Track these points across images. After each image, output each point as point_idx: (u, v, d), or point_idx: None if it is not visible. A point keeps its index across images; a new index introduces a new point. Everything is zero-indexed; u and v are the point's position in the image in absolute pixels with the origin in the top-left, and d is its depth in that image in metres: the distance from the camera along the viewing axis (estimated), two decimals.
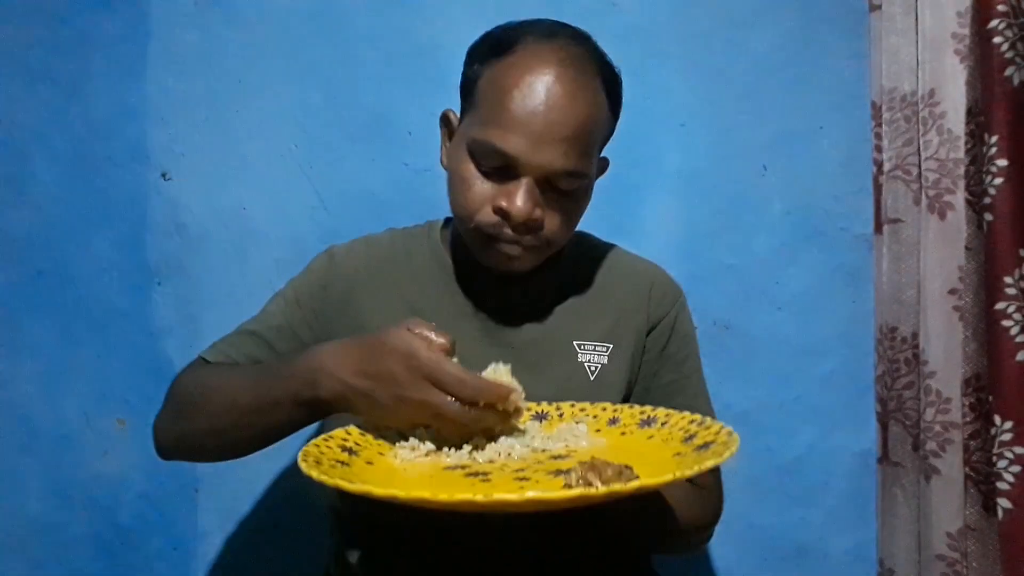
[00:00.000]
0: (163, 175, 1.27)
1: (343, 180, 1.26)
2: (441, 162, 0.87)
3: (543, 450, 0.71)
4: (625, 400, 0.92)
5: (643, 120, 1.22)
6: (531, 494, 0.49)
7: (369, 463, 0.68)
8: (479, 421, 0.67)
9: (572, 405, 0.83)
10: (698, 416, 0.73)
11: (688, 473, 0.53)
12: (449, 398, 0.65)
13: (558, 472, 0.62)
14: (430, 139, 0.89)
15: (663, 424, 0.75)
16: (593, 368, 0.89)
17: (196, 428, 0.80)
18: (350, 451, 0.69)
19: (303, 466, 0.59)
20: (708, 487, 0.90)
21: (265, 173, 1.26)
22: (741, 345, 1.25)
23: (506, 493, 0.49)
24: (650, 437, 0.74)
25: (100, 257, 1.28)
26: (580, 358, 0.89)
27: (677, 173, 1.25)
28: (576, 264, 0.92)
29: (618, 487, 0.50)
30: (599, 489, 0.50)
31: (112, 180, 1.28)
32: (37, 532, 1.30)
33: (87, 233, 1.28)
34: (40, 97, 1.28)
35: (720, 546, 1.27)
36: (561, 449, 0.72)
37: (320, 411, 0.72)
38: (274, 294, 0.93)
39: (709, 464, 0.55)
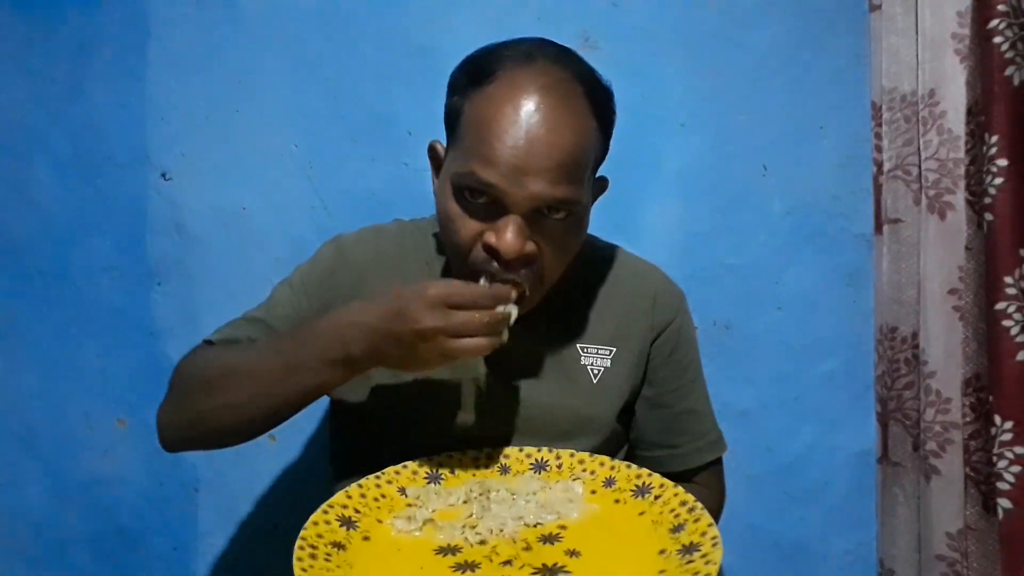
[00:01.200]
0: (163, 175, 1.27)
1: (343, 180, 1.26)
2: (433, 191, 0.86)
3: (536, 524, 0.73)
4: (628, 405, 0.92)
5: (643, 120, 1.22)
6: None
7: (366, 538, 0.71)
8: (499, 325, 0.71)
9: (571, 455, 0.84)
10: (690, 498, 0.73)
11: None
12: (467, 313, 0.69)
13: (543, 569, 0.65)
14: (430, 138, 0.88)
15: (656, 497, 0.75)
16: (596, 371, 0.89)
17: (211, 407, 0.76)
18: (349, 523, 0.72)
19: (297, 567, 0.62)
20: (709, 484, 0.91)
21: (265, 173, 1.26)
22: (741, 345, 1.25)
23: None
24: (641, 513, 0.74)
25: (100, 257, 1.28)
26: (583, 361, 0.89)
27: (677, 173, 1.25)
28: (579, 266, 0.91)
29: None
30: None
31: (112, 180, 1.28)
32: (37, 532, 1.30)
33: (87, 233, 1.28)
34: (40, 97, 1.28)
35: None
36: (553, 524, 0.73)
37: (350, 368, 0.72)
38: (280, 282, 0.92)
39: None
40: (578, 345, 0.89)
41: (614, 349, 0.90)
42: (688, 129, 1.25)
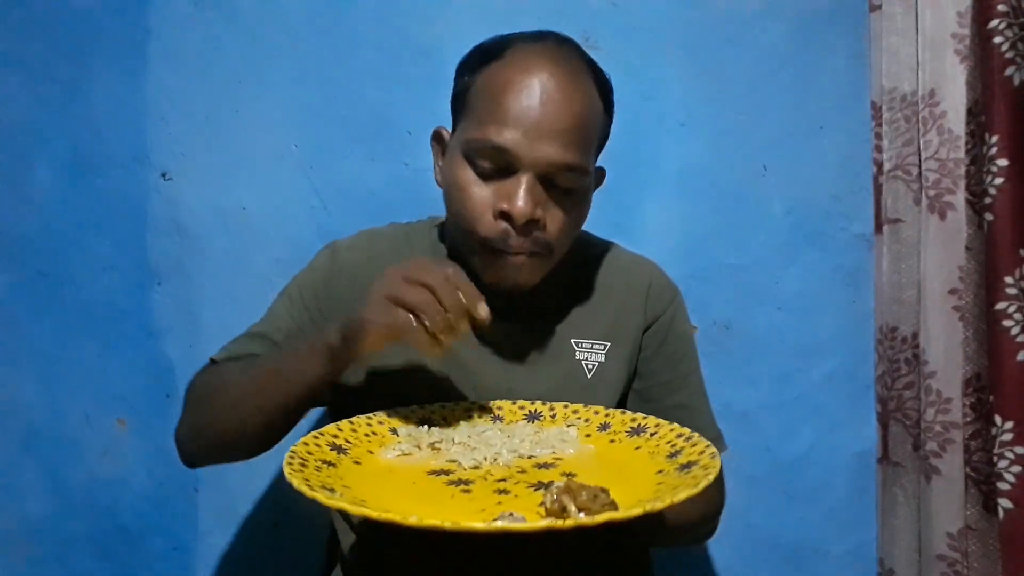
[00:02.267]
0: (163, 175, 1.27)
1: (343, 180, 1.26)
2: (436, 180, 0.86)
3: (530, 456, 0.72)
4: (622, 398, 0.92)
5: (643, 120, 1.22)
6: (498, 524, 0.51)
7: (357, 462, 0.70)
8: (460, 309, 0.67)
9: (565, 406, 0.84)
10: (687, 430, 0.73)
11: (659, 506, 0.54)
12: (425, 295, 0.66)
13: (539, 484, 0.64)
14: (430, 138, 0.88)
15: (652, 434, 0.75)
16: (591, 366, 0.89)
17: (217, 420, 0.79)
18: (339, 449, 0.71)
19: (287, 470, 0.61)
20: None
21: (265, 173, 1.26)
22: (741, 345, 1.25)
23: (474, 522, 0.51)
24: (637, 448, 0.74)
25: (100, 257, 1.28)
26: (578, 356, 0.89)
27: (677, 173, 1.25)
28: (574, 262, 0.92)
29: (586, 520, 0.52)
30: (565, 522, 0.52)
31: (112, 180, 1.28)
32: (37, 532, 1.30)
33: (87, 233, 1.28)
34: (40, 97, 1.28)
35: (720, 546, 1.27)
36: (547, 456, 0.72)
37: (329, 356, 0.72)
38: (279, 293, 0.93)
39: (682, 496, 0.55)
40: (572, 340, 0.90)
41: (608, 344, 0.90)
42: (688, 129, 1.25)
